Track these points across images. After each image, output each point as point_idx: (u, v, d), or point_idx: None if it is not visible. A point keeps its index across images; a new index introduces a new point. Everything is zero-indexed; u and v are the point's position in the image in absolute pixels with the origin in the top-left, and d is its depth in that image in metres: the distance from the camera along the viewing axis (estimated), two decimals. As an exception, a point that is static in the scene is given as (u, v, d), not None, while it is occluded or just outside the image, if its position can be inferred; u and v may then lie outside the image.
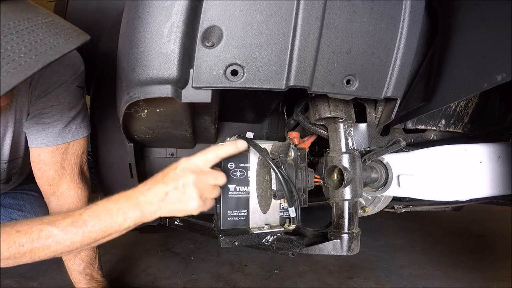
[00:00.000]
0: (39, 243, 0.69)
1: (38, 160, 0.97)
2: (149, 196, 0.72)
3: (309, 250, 0.88)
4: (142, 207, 0.71)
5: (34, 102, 0.90)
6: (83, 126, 1.01)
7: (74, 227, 0.70)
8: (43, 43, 0.55)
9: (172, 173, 0.72)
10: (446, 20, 0.80)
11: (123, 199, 0.72)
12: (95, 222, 0.70)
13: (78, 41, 0.60)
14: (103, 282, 1.18)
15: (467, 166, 0.81)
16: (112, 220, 0.71)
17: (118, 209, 0.71)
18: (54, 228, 0.70)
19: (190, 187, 0.71)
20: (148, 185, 0.73)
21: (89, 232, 0.70)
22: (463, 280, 1.44)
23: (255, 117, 1.35)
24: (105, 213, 0.71)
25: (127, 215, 0.71)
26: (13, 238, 0.68)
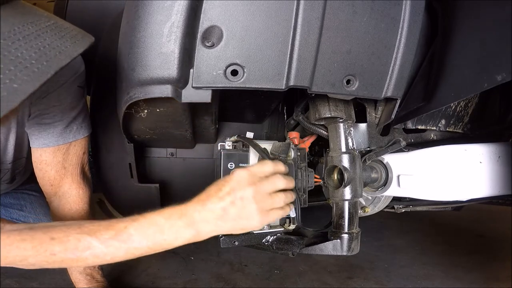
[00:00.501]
0: (74, 255, 0.62)
1: (40, 161, 0.97)
2: (204, 214, 0.64)
3: (309, 250, 0.88)
4: (197, 226, 0.64)
5: (35, 102, 0.90)
6: (84, 126, 1.01)
7: (118, 241, 0.63)
8: (52, 47, 0.54)
9: (227, 186, 0.66)
10: (446, 20, 0.80)
11: (176, 215, 0.65)
12: (142, 238, 0.63)
13: (85, 44, 0.59)
14: (103, 282, 1.18)
15: (467, 166, 0.81)
16: (162, 237, 0.63)
17: (170, 227, 0.64)
18: (95, 239, 0.62)
19: (249, 202, 0.64)
20: (202, 200, 0.66)
21: (134, 248, 0.63)
22: (463, 280, 1.44)
23: (255, 117, 1.35)
24: (154, 229, 0.64)
25: (180, 233, 0.64)
26: (44, 245, 0.62)
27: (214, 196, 0.65)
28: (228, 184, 0.66)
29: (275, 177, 0.69)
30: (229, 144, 0.93)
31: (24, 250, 0.61)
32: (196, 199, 0.67)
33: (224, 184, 0.66)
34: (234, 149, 0.93)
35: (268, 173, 0.69)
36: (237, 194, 0.65)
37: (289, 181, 0.72)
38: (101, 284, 1.16)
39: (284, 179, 0.70)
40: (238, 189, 0.65)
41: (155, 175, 1.33)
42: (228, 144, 0.93)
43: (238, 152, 0.92)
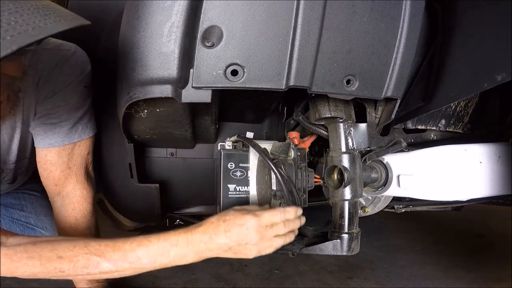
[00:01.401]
0: (84, 272, 0.67)
1: (45, 161, 0.97)
2: (211, 246, 0.71)
3: (309, 250, 0.88)
4: (202, 254, 0.71)
5: (42, 102, 0.90)
6: (89, 127, 1.01)
7: (126, 262, 0.68)
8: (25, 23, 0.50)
9: (238, 229, 0.71)
10: (446, 20, 0.80)
11: (183, 243, 0.70)
12: (150, 261, 0.69)
13: (70, 24, 0.54)
14: (103, 282, 1.18)
15: (467, 166, 0.81)
16: (168, 261, 0.70)
17: (176, 254, 0.70)
18: (103, 260, 0.67)
19: (252, 246, 0.71)
20: (209, 234, 0.71)
21: (141, 268, 0.69)
22: (463, 280, 1.44)
23: (255, 117, 1.35)
24: (161, 254, 0.69)
25: (184, 258, 0.70)
26: (53, 264, 0.65)
27: (222, 234, 0.70)
28: (238, 228, 0.71)
29: (280, 226, 0.75)
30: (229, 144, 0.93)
31: (32, 267, 0.65)
32: (203, 229, 0.71)
33: (234, 226, 0.71)
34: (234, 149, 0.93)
35: (276, 223, 0.74)
36: (243, 240, 0.71)
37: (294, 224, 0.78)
38: (101, 284, 1.16)
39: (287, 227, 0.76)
40: (245, 237, 0.70)
41: (155, 175, 1.33)
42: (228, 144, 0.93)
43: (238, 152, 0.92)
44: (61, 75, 0.90)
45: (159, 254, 0.69)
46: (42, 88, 0.89)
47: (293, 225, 0.78)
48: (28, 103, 0.89)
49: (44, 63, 0.88)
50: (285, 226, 0.75)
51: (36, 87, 0.88)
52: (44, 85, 0.89)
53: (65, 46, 0.93)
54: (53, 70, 0.88)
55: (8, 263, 0.65)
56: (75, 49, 0.94)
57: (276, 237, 0.74)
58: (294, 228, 0.78)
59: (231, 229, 0.71)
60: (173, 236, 0.71)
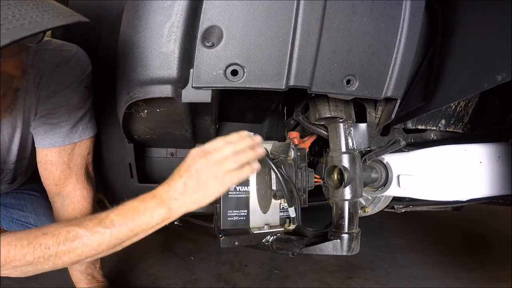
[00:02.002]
0: (65, 246, 0.68)
1: (45, 161, 0.97)
2: (171, 192, 0.72)
3: (309, 250, 0.88)
4: (168, 203, 0.72)
5: (43, 102, 0.90)
6: (90, 127, 1.01)
7: (102, 227, 0.69)
8: (22, 17, 0.50)
9: (184, 164, 0.74)
10: (446, 20, 0.80)
11: (148, 198, 0.73)
12: (123, 221, 0.70)
13: (68, 20, 0.54)
14: (103, 282, 1.18)
15: (467, 166, 0.81)
16: (139, 218, 0.71)
17: (145, 208, 0.71)
18: (82, 229, 0.69)
19: (202, 171, 0.71)
20: (167, 182, 0.74)
21: (117, 232, 0.70)
22: (463, 280, 1.44)
23: (255, 117, 1.35)
24: (132, 212, 0.71)
25: (154, 212, 0.71)
26: (39, 240, 0.67)
27: (175, 175, 0.74)
28: (184, 163, 0.74)
29: (224, 146, 0.74)
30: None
31: (21, 247, 0.67)
32: (164, 183, 0.75)
33: (182, 164, 0.74)
34: (234, 149, 0.93)
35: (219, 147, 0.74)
36: (192, 168, 0.72)
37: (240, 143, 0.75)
38: (102, 284, 1.16)
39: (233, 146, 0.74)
40: (192, 164, 0.72)
41: (155, 175, 1.33)
42: (228, 144, 0.93)
43: (238, 152, 0.92)
44: (62, 75, 0.90)
45: (129, 212, 0.71)
46: (43, 88, 0.89)
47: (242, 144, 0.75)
48: (29, 103, 0.90)
49: (45, 63, 0.88)
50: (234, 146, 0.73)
51: (37, 87, 0.89)
52: (45, 85, 0.89)
53: (67, 46, 0.93)
54: (54, 71, 0.88)
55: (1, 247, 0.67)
56: (76, 50, 0.94)
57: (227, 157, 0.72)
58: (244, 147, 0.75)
59: (180, 167, 0.74)
60: (141, 195, 0.74)
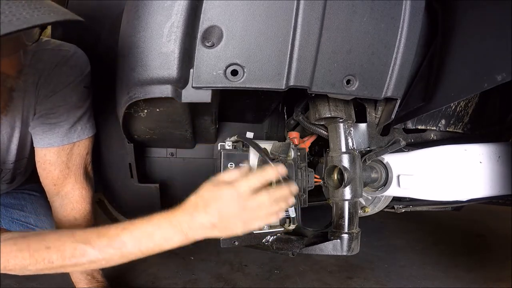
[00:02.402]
0: (71, 261, 0.67)
1: (44, 160, 0.97)
2: (193, 225, 0.68)
3: (309, 250, 0.88)
4: (187, 233, 0.68)
5: (41, 101, 0.90)
6: (89, 127, 1.01)
7: (112, 248, 0.67)
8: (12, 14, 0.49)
9: (216, 204, 0.68)
10: (446, 20, 0.80)
11: (166, 224, 0.68)
12: (135, 244, 0.68)
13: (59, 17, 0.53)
14: (103, 282, 1.18)
15: (467, 166, 0.81)
16: (153, 244, 0.68)
17: (161, 235, 0.68)
18: (89, 247, 0.67)
19: (233, 217, 0.68)
20: (190, 213, 0.69)
21: (128, 253, 0.68)
22: (463, 280, 1.44)
23: (255, 117, 1.35)
24: (146, 237, 0.68)
25: (169, 239, 0.69)
26: (42, 254, 0.66)
27: (202, 211, 0.68)
28: (215, 202, 0.68)
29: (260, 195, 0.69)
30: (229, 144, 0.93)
31: (22, 259, 0.65)
32: (183, 209, 0.69)
33: (212, 201, 0.68)
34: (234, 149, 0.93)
35: (255, 187, 0.69)
36: (224, 213, 0.67)
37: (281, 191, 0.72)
38: (101, 284, 1.16)
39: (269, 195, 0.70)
40: (224, 209, 0.67)
41: (155, 175, 1.33)
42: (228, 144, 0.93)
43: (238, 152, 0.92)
44: (61, 75, 0.90)
45: (143, 237, 0.68)
46: (42, 88, 0.89)
47: (280, 194, 0.71)
48: (28, 102, 0.90)
49: (44, 63, 0.88)
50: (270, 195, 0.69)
51: (36, 87, 0.89)
52: (44, 85, 0.89)
53: (65, 46, 0.93)
54: (53, 70, 0.88)
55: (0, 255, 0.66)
56: (75, 50, 0.94)
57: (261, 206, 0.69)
58: (283, 197, 0.71)
59: (209, 204, 0.67)
60: (155, 218, 0.69)
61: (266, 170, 0.72)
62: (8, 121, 0.90)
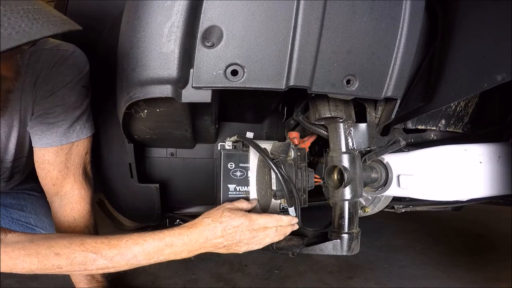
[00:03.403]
0: (80, 268, 0.69)
1: (42, 160, 0.97)
2: (206, 245, 0.76)
3: (309, 250, 0.88)
4: (196, 252, 0.76)
5: (39, 101, 0.90)
6: (87, 126, 1.01)
7: (122, 259, 0.70)
8: (11, 27, 0.49)
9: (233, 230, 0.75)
10: (446, 20, 0.80)
11: (178, 244, 0.73)
12: (145, 258, 0.72)
13: (58, 29, 0.54)
14: (103, 282, 1.18)
15: (467, 166, 0.81)
16: (163, 258, 0.73)
17: (172, 251, 0.73)
18: (99, 257, 0.69)
19: (242, 243, 0.77)
20: (206, 235, 0.75)
21: (137, 263, 0.72)
22: (463, 280, 1.44)
23: (255, 117, 1.35)
24: (157, 253, 0.72)
25: (179, 255, 0.75)
26: (51, 261, 0.67)
27: (219, 236, 0.75)
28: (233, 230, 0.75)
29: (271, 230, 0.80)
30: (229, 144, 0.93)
31: (30, 264, 0.67)
32: (199, 232, 0.75)
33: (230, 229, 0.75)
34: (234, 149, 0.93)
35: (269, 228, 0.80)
36: (237, 240, 0.76)
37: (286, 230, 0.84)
38: (102, 284, 1.16)
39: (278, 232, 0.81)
40: (239, 237, 0.76)
41: (155, 175, 1.33)
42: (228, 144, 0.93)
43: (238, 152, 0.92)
44: (59, 75, 0.90)
45: (154, 253, 0.72)
46: (40, 87, 0.89)
47: (284, 231, 0.83)
48: (26, 102, 0.89)
49: (42, 63, 0.88)
50: (277, 231, 0.81)
51: (34, 87, 0.88)
52: (42, 84, 0.89)
53: (64, 46, 0.93)
54: (51, 70, 0.88)
55: (7, 260, 0.66)
56: (73, 49, 0.94)
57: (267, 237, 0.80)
58: (285, 233, 0.83)
59: (227, 230, 0.75)
60: (168, 236, 0.73)
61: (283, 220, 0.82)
62: (5, 121, 0.90)
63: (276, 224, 0.80)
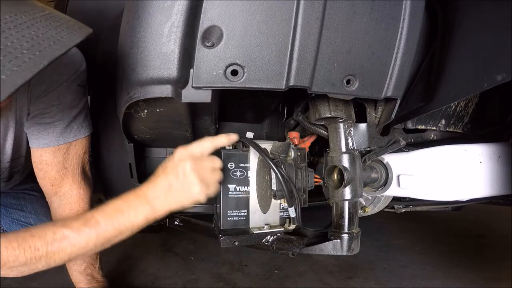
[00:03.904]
0: (54, 246, 0.69)
1: (40, 161, 0.97)
2: (155, 191, 0.75)
3: (309, 250, 0.88)
4: (152, 202, 0.74)
5: (34, 101, 0.89)
6: (85, 126, 1.00)
7: (88, 228, 0.71)
8: (46, 37, 0.52)
9: (171, 164, 0.76)
10: (446, 20, 0.80)
11: (133, 197, 0.74)
12: (108, 221, 0.72)
13: (82, 35, 0.57)
14: (103, 282, 1.18)
15: (467, 166, 0.81)
16: (123, 217, 0.73)
17: (129, 207, 0.73)
18: (68, 229, 0.70)
19: (189, 173, 0.74)
20: (152, 180, 0.76)
21: (103, 231, 0.72)
22: (463, 280, 1.44)
23: (255, 117, 1.35)
24: (116, 212, 0.73)
25: (138, 211, 0.73)
26: (28, 242, 0.68)
27: (161, 175, 0.76)
28: (171, 163, 0.76)
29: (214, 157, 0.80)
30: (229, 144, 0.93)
31: (12, 249, 0.67)
32: (147, 182, 0.77)
33: (168, 163, 0.76)
34: (234, 149, 0.93)
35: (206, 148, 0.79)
36: (179, 169, 0.74)
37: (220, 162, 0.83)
38: (101, 284, 1.16)
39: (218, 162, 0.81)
40: (179, 165, 0.75)
41: (155, 175, 1.33)
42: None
43: (238, 152, 0.92)
44: (53, 73, 0.88)
45: (113, 212, 0.72)
46: (35, 87, 0.88)
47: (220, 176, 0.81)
48: (21, 102, 0.88)
49: None
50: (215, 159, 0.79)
51: (28, 87, 0.87)
52: (37, 84, 0.87)
53: None
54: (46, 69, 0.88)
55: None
56: None
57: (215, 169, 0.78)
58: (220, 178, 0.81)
59: (166, 167, 0.76)
60: (125, 194, 0.75)
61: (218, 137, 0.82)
62: (1, 121, 0.89)
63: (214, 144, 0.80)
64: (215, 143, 0.81)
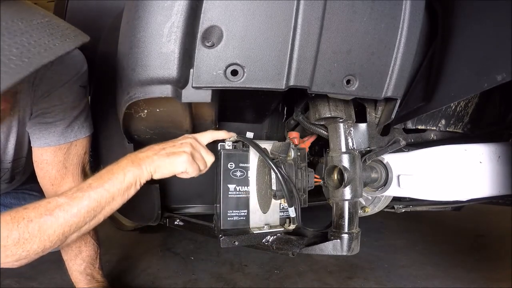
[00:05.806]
0: (46, 215, 0.69)
1: (41, 160, 0.97)
2: (146, 152, 0.79)
3: (309, 250, 0.88)
4: (139, 161, 0.77)
5: (37, 102, 0.90)
6: (86, 126, 1.01)
7: (80, 192, 0.71)
8: (38, 44, 0.53)
9: (173, 140, 0.83)
10: (446, 20, 0.80)
11: (124, 159, 0.78)
12: (99, 183, 0.73)
13: (76, 42, 0.59)
14: (103, 282, 1.18)
15: (467, 166, 0.81)
16: (114, 177, 0.74)
17: (118, 167, 0.76)
18: (61, 197, 0.71)
19: (186, 144, 0.81)
20: (146, 149, 0.81)
21: (95, 193, 0.72)
22: (463, 280, 1.44)
23: (255, 117, 1.35)
24: (106, 173, 0.75)
25: (126, 169, 0.75)
26: (21, 213, 0.68)
27: (160, 144, 0.82)
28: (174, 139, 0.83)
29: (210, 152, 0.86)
30: (229, 144, 0.93)
31: (5, 223, 0.67)
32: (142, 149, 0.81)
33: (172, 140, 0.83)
34: (234, 149, 0.93)
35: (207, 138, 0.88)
36: (180, 140, 0.82)
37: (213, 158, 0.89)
38: (101, 284, 1.16)
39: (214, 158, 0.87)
40: (181, 138, 0.83)
41: (155, 175, 1.33)
42: (228, 144, 0.93)
43: (238, 152, 0.92)
44: (56, 74, 0.89)
45: (104, 174, 0.74)
46: (38, 88, 0.89)
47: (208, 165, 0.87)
48: (24, 103, 0.89)
49: None
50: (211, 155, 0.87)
51: (32, 87, 0.88)
52: (40, 85, 0.88)
53: None
54: (48, 70, 0.88)
55: None
56: None
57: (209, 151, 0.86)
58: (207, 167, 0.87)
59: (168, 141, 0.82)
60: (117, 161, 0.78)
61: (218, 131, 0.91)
62: (4, 121, 0.90)
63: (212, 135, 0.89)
64: (214, 135, 0.90)
